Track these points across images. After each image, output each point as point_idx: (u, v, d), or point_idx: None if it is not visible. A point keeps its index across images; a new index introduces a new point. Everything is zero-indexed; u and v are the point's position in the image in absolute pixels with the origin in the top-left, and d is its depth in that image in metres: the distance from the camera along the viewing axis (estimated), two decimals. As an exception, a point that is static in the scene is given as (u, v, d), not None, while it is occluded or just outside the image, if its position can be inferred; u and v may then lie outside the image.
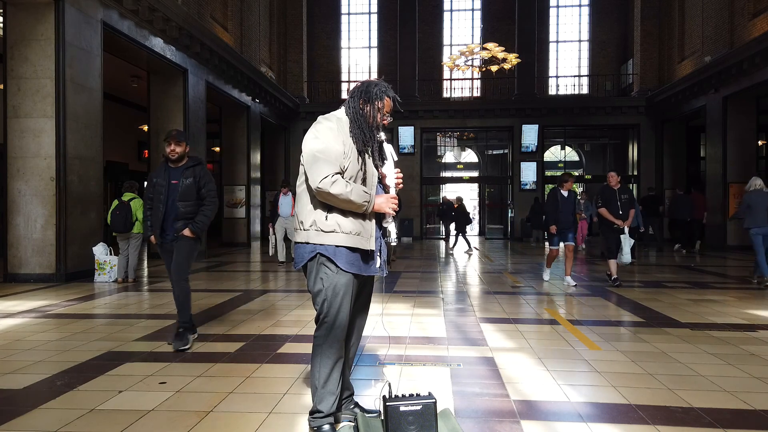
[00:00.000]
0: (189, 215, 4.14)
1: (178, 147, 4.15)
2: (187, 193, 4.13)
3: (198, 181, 4.18)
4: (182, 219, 4.12)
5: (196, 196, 4.18)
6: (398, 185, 2.62)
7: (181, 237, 4.11)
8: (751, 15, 13.22)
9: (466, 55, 15.46)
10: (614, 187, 7.54)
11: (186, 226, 4.13)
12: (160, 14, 10.15)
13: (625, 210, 7.45)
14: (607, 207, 7.50)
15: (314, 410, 2.46)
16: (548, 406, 2.92)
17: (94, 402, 2.95)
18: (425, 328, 4.85)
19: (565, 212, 7.47)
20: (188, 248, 4.19)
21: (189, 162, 4.25)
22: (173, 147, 4.14)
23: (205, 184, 4.20)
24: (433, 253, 13.71)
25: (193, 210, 4.17)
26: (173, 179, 4.15)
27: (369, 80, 2.55)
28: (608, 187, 7.59)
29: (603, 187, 7.73)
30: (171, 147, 4.13)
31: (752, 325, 4.96)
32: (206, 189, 4.21)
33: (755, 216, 7.59)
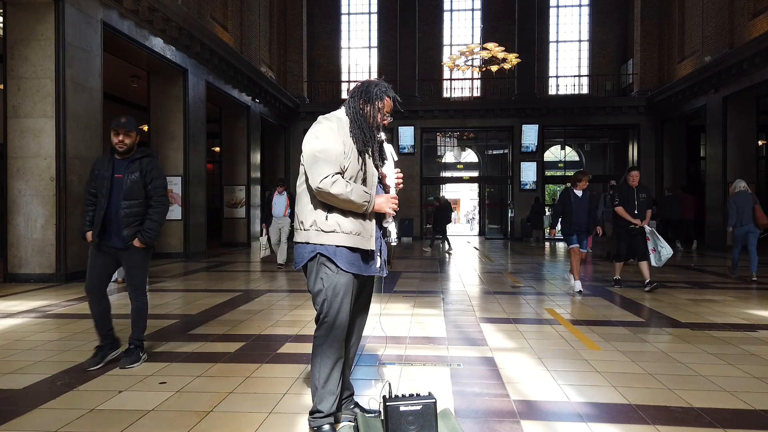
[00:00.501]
0: (136, 218, 3.63)
1: (128, 138, 3.61)
2: (132, 190, 3.61)
3: (145, 176, 3.65)
4: (130, 225, 3.61)
5: (144, 194, 3.66)
6: (398, 185, 2.62)
7: (131, 246, 3.64)
8: (751, 15, 13.22)
9: (466, 55, 15.47)
10: (633, 186, 7.16)
11: (135, 235, 3.63)
12: (160, 14, 10.16)
13: (642, 210, 7.13)
14: (623, 206, 7.14)
15: (314, 410, 2.46)
16: (548, 406, 2.92)
17: (94, 402, 2.95)
18: (425, 328, 4.85)
19: (579, 213, 6.99)
20: (140, 258, 3.72)
21: (136, 153, 3.70)
22: (122, 138, 3.59)
23: (152, 179, 3.68)
24: (433, 253, 13.71)
25: (140, 212, 3.65)
26: (117, 173, 3.62)
27: (369, 80, 2.55)
28: (626, 185, 7.21)
29: (620, 185, 7.39)
30: (119, 138, 3.59)
31: (752, 325, 4.96)
32: (153, 186, 3.68)
33: (741, 216, 8.16)
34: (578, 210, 6.99)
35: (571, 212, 6.99)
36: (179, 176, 11.87)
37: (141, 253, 3.71)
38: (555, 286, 7.77)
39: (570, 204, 7.03)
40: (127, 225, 3.60)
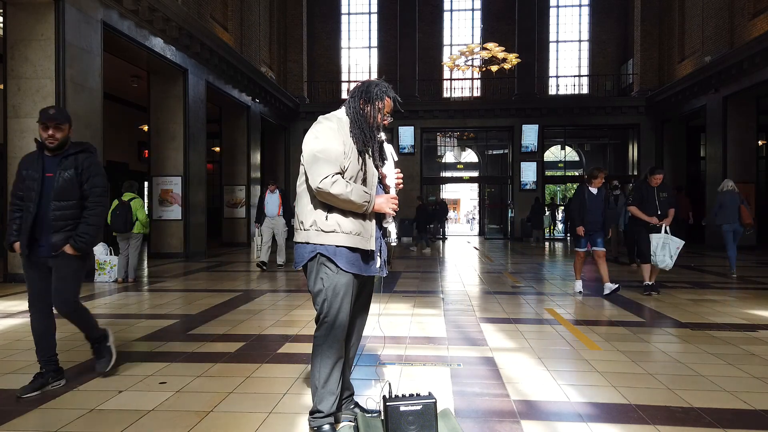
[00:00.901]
0: (68, 222, 3.15)
1: (58, 132, 3.15)
2: (64, 189, 3.12)
3: (81, 173, 3.17)
4: (61, 230, 3.12)
5: (79, 194, 3.17)
6: (398, 185, 2.62)
7: (61, 254, 3.13)
8: (751, 15, 13.22)
9: (466, 55, 15.47)
10: (653, 185, 6.81)
11: (67, 241, 3.12)
12: (160, 14, 10.16)
13: (664, 209, 6.77)
14: (642, 205, 6.81)
15: (314, 410, 2.46)
16: (548, 406, 2.92)
17: (94, 402, 2.95)
18: (425, 328, 4.85)
19: (594, 212, 6.65)
20: (72, 268, 3.17)
21: (70, 148, 3.22)
22: (51, 132, 3.14)
23: (89, 177, 3.19)
24: (433, 253, 13.71)
25: (74, 214, 3.16)
26: (48, 171, 3.18)
27: (369, 80, 2.55)
28: (645, 184, 6.88)
29: (639, 183, 7.11)
30: (49, 132, 3.14)
31: (752, 325, 4.96)
32: (90, 185, 3.19)
33: (726, 214, 8.52)
34: (593, 208, 6.67)
35: (585, 211, 6.68)
36: (179, 176, 11.87)
37: (73, 263, 3.17)
38: (555, 286, 7.77)
39: (584, 202, 6.72)
40: (58, 229, 3.12)
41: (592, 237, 6.74)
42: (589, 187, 6.79)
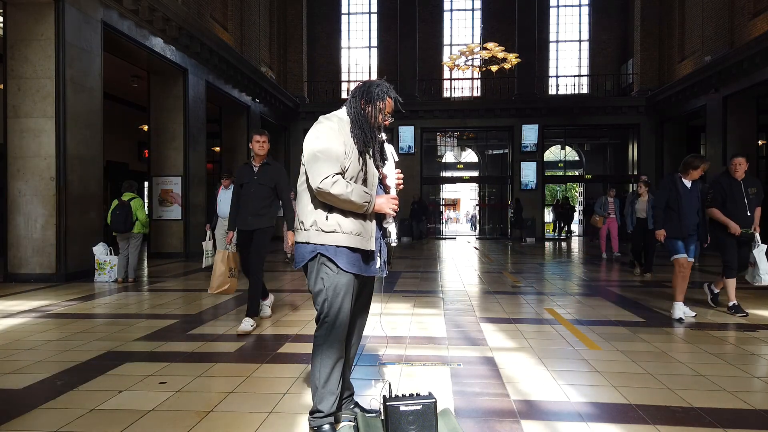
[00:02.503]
0: None
1: None
2: None
3: None
4: None
5: None
6: (399, 186, 2.62)
7: None
8: (751, 15, 13.22)
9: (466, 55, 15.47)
10: (738, 178, 5.40)
11: None
12: (160, 14, 10.16)
13: (753, 209, 5.38)
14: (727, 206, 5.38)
15: (314, 410, 2.46)
16: (548, 406, 2.92)
17: (94, 402, 2.95)
18: (425, 327, 4.85)
19: (689, 210, 5.21)
20: None
21: None
22: None
23: None
24: (433, 253, 13.71)
25: None
26: None
27: (370, 80, 2.55)
28: (728, 177, 5.45)
29: (719, 177, 5.57)
30: None
31: (752, 325, 4.96)
32: None
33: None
34: (689, 206, 5.21)
35: (680, 208, 5.18)
36: (179, 176, 11.87)
37: None
38: (555, 285, 7.77)
39: (678, 197, 5.20)
40: None
41: (686, 243, 5.28)
42: (683, 179, 5.28)
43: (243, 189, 4.78)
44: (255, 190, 4.69)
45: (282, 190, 4.76)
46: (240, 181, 4.80)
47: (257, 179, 4.69)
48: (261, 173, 4.72)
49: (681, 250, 5.24)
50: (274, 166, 4.76)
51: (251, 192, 4.70)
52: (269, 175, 4.70)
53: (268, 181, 4.69)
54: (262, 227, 4.71)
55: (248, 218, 4.69)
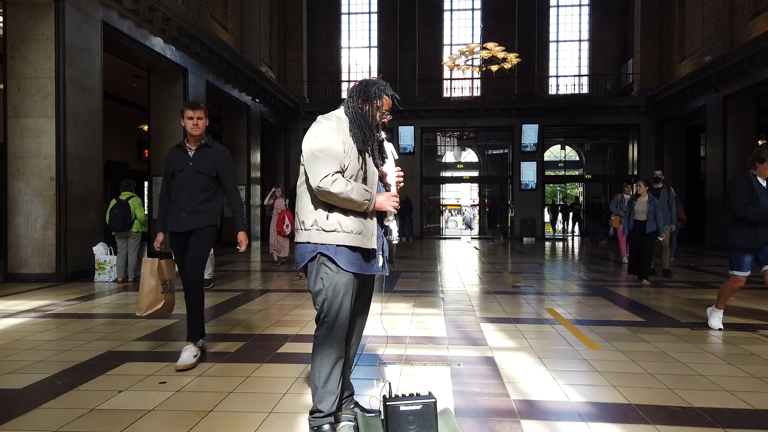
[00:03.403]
0: None
1: None
2: None
3: None
4: None
5: None
6: (399, 183, 2.62)
7: None
8: (751, 15, 13.22)
9: (466, 55, 15.47)
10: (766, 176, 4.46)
11: None
12: (160, 14, 10.16)
13: None
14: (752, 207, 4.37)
15: (314, 410, 2.46)
16: (548, 406, 2.92)
17: (94, 402, 2.95)
18: (425, 327, 4.85)
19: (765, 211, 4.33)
20: None
21: None
22: None
23: None
24: (433, 253, 13.71)
25: None
26: None
27: (367, 79, 2.55)
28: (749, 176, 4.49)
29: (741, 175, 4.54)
30: None
31: (752, 325, 4.96)
32: None
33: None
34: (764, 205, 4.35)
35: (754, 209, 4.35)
36: (179, 176, 11.85)
37: None
38: (555, 285, 7.77)
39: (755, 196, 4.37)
40: None
41: (763, 250, 4.44)
42: (757, 178, 4.47)
43: (175, 179, 3.75)
44: (190, 181, 3.70)
45: (226, 180, 3.84)
46: (170, 168, 3.77)
47: (193, 166, 3.71)
48: (198, 158, 3.74)
49: (746, 268, 4.53)
50: (216, 150, 3.82)
51: (185, 183, 3.70)
52: (209, 161, 3.74)
53: (207, 168, 3.73)
54: (201, 227, 3.72)
55: (182, 217, 3.69)
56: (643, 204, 7.79)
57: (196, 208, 3.70)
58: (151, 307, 3.75)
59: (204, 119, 3.75)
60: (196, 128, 3.72)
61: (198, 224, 3.71)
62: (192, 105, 3.76)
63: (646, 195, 7.83)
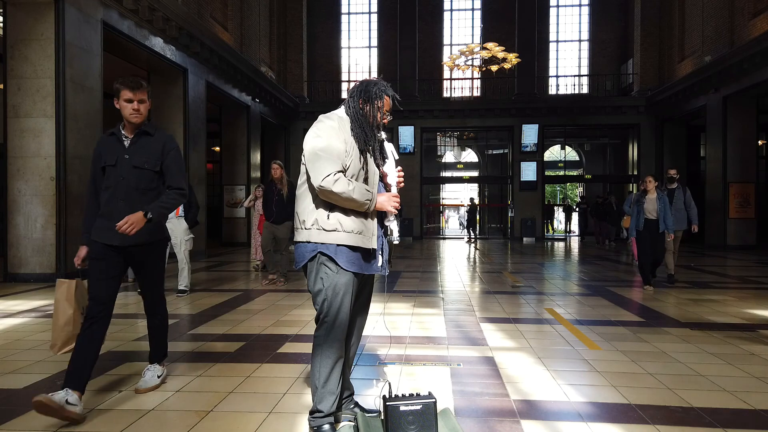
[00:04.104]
0: None
1: None
2: None
3: None
4: None
5: None
6: (400, 184, 2.62)
7: None
8: (751, 15, 13.22)
9: (466, 55, 15.47)
10: None
11: None
12: (160, 14, 10.16)
13: None
14: None
15: (314, 410, 2.46)
16: (548, 406, 2.92)
17: (94, 402, 2.95)
18: (425, 327, 4.85)
19: None
20: None
21: None
22: None
23: None
24: (433, 253, 13.72)
25: None
26: None
27: (368, 79, 2.55)
28: None
29: None
30: None
31: (752, 325, 4.96)
32: None
33: None
34: None
35: None
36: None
37: None
38: (554, 285, 7.77)
39: None
40: None
41: None
42: None
43: (106, 176, 2.93)
44: (126, 178, 2.90)
45: (173, 174, 3.01)
46: (100, 162, 2.96)
47: (129, 159, 2.92)
48: (136, 149, 2.94)
49: None
50: (159, 138, 3.02)
51: (120, 181, 2.90)
52: (150, 152, 2.96)
53: (148, 161, 2.95)
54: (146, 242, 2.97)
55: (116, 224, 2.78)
56: (652, 202, 7.18)
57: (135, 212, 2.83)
58: (68, 343, 2.92)
59: (147, 102, 2.96)
60: (136, 115, 2.92)
61: (141, 238, 2.88)
62: (132, 83, 2.89)
63: (655, 191, 7.23)
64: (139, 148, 2.96)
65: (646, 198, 7.20)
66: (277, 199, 7.26)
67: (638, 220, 7.22)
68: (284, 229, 7.32)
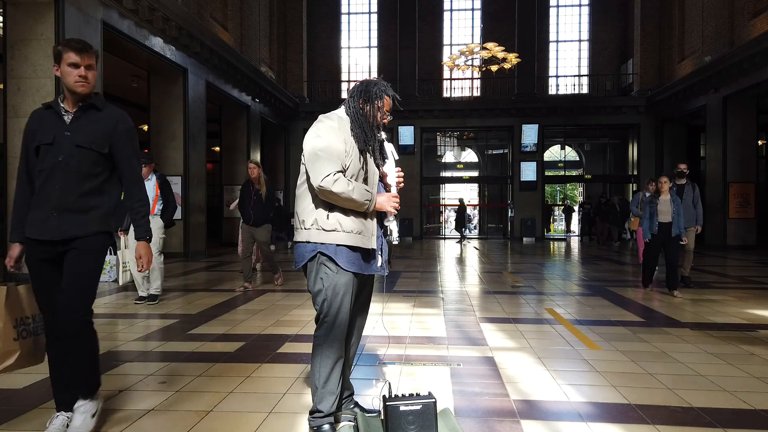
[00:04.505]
0: None
1: None
2: None
3: None
4: None
5: None
6: (399, 184, 2.62)
7: None
8: (751, 15, 13.23)
9: (466, 55, 15.47)
10: None
11: None
12: (159, 14, 10.16)
13: None
14: None
15: (314, 410, 2.46)
16: (548, 406, 2.92)
17: (94, 402, 2.95)
18: (425, 327, 4.85)
19: None
20: None
21: None
22: None
23: None
24: (433, 253, 13.71)
25: None
26: None
27: (368, 79, 2.55)
28: None
29: None
30: None
31: (752, 325, 4.96)
32: None
33: None
34: None
35: None
36: (179, 176, 11.86)
37: None
38: (554, 285, 7.77)
39: None
40: None
41: None
42: None
43: (41, 158, 2.43)
44: (66, 160, 2.37)
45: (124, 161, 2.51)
46: (34, 141, 2.46)
47: (71, 137, 2.38)
48: (80, 125, 2.42)
49: None
50: (110, 114, 2.51)
51: (58, 163, 2.38)
52: (98, 130, 2.44)
53: (95, 141, 2.41)
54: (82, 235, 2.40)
55: (51, 217, 2.38)
56: (666, 203, 6.74)
57: (74, 203, 2.37)
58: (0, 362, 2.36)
59: (95, 70, 2.45)
60: (83, 83, 2.39)
61: (78, 230, 2.38)
62: (77, 44, 2.37)
63: (668, 193, 6.81)
64: (84, 124, 2.42)
65: (659, 199, 6.79)
66: (255, 200, 6.91)
67: (652, 222, 6.78)
68: (264, 231, 7.00)
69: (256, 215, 6.91)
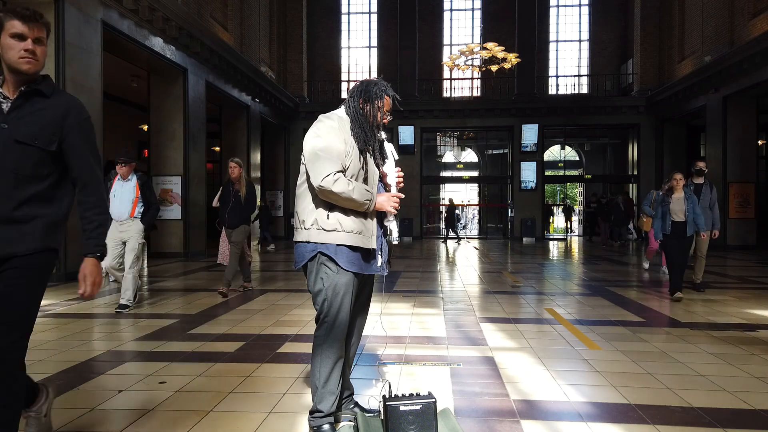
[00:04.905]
0: None
1: None
2: None
3: None
4: None
5: None
6: (399, 184, 2.62)
7: None
8: (751, 15, 13.22)
9: (466, 55, 15.47)
10: None
11: None
12: (159, 14, 10.16)
13: None
14: None
15: (314, 410, 2.46)
16: (548, 406, 2.92)
17: (94, 402, 2.95)
18: (425, 327, 4.85)
19: None
20: None
21: None
22: None
23: None
24: (433, 253, 13.71)
25: None
26: None
27: (368, 79, 2.55)
28: None
29: None
30: None
31: (752, 325, 4.96)
32: None
33: None
34: None
35: None
36: (179, 176, 11.87)
37: None
38: (554, 285, 7.77)
39: None
40: None
41: None
42: None
43: None
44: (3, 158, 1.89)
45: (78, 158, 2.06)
46: None
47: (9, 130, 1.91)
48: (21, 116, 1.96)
49: None
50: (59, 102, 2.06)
51: None
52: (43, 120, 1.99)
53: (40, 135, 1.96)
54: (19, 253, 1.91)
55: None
56: (679, 202, 6.35)
57: (11, 213, 1.90)
58: None
59: (44, 45, 2.01)
60: (29, 60, 1.94)
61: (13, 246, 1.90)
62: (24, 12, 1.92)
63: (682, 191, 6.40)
64: (26, 114, 1.95)
65: (672, 198, 6.38)
66: (233, 201, 6.42)
67: (665, 223, 6.39)
68: (238, 232, 6.51)
69: (232, 219, 6.48)
